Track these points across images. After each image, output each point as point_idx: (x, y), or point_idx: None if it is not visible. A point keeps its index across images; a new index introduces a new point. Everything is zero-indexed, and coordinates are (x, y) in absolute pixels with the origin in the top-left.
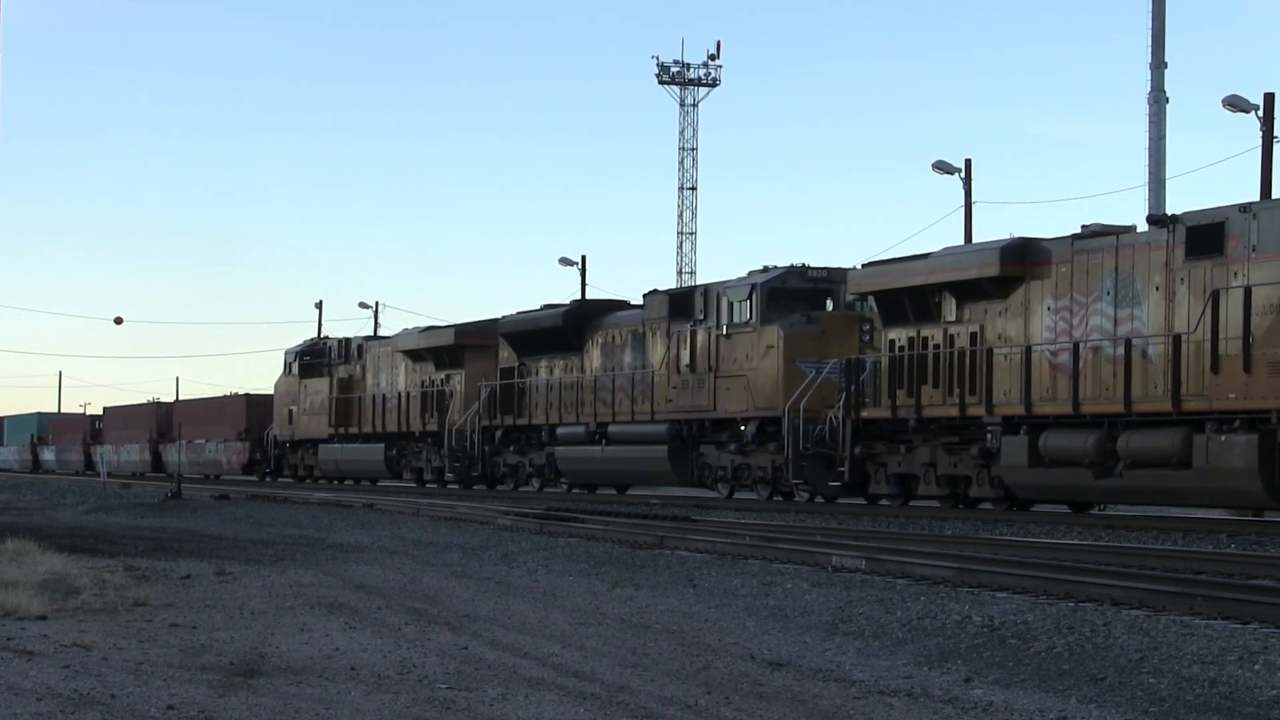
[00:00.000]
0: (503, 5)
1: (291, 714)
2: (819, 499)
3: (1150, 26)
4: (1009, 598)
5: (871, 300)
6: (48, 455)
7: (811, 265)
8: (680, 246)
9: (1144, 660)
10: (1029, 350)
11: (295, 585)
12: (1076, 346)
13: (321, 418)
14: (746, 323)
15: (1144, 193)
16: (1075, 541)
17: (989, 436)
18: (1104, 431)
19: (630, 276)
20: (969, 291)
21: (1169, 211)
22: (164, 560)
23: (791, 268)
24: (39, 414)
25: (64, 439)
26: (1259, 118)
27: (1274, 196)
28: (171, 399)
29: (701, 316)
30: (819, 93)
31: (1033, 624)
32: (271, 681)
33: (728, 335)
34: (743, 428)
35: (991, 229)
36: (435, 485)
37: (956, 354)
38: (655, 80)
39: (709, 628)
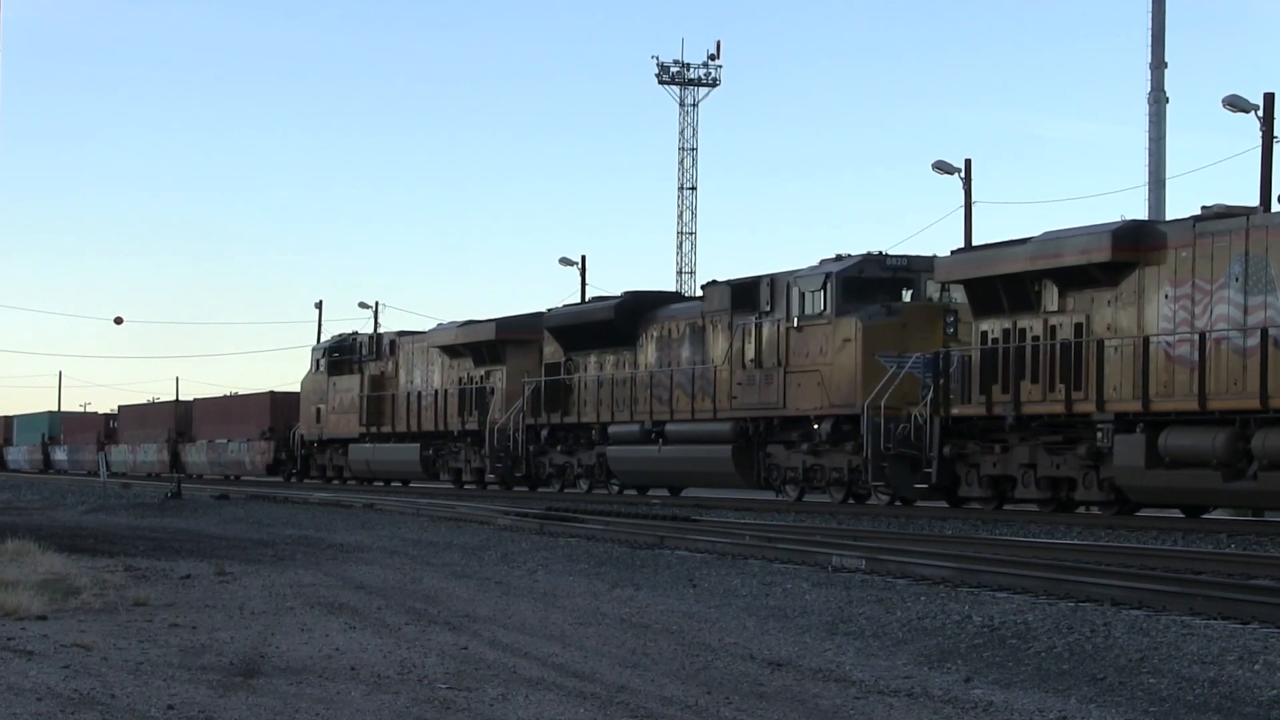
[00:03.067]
0: (503, 5)
1: (291, 714)
2: (898, 503)
3: (1150, 26)
4: (1009, 598)
5: (959, 290)
6: (59, 455)
7: (890, 253)
8: (680, 246)
9: (1144, 660)
10: (1146, 341)
11: (295, 585)
12: (1201, 337)
13: (351, 416)
14: (820, 314)
15: (1144, 193)
16: (1075, 541)
17: (1099, 435)
18: (1235, 430)
19: (630, 276)
20: (1074, 279)
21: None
22: (164, 560)
23: (868, 255)
24: (50, 413)
25: (76, 438)
26: (1259, 118)
27: (1275, 196)
28: (189, 398)
29: (768, 308)
30: (819, 93)
31: (1033, 624)
32: (271, 681)
33: (799, 328)
34: (816, 426)
35: (992, 229)
36: (474, 486)
37: (1060, 346)
38: (655, 80)
39: (709, 628)
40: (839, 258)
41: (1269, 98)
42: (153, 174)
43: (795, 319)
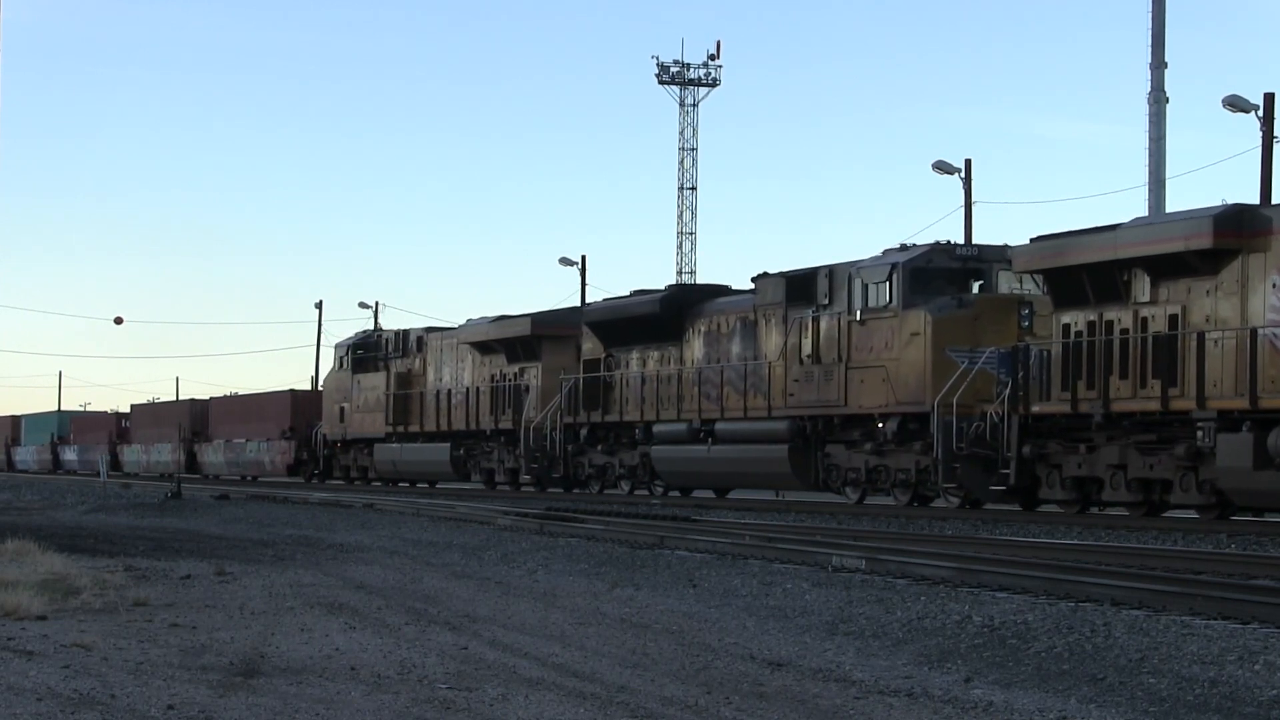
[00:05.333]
0: (503, 5)
1: (291, 714)
2: (968, 506)
3: (1150, 26)
4: (1009, 598)
5: (1039, 280)
6: (69, 455)
7: (958, 242)
8: (680, 246)
9: (1144, 660)
10: (1253, 334)
11: (295, 585)
12: None
13: (377, 415)
14: (885, 307)
15: (1144, 193)
16: (1075, 541)
17: (1200, 435)
18: None
19: (630, 276)
20: (1168, 267)
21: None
22: (164, 560)
23: (936, 245)
24: (59, 412)
25: (86, 438)
26: (1259, 118)
27: (1275, 196)
28: (205, 397)
29: (826, 301)
30: (819, 93)
31: (1033, 624)
32: (271, 681)
33: (862, 321)
34: (880, 425)
35: (991, 229)
36: (508, 488)
37: (1154, 339)
38: (655, 80)
39: (709, 628)
40: (903, 247)
41: (1269, 98)
42: (153, 174)
43: (858, 312)
